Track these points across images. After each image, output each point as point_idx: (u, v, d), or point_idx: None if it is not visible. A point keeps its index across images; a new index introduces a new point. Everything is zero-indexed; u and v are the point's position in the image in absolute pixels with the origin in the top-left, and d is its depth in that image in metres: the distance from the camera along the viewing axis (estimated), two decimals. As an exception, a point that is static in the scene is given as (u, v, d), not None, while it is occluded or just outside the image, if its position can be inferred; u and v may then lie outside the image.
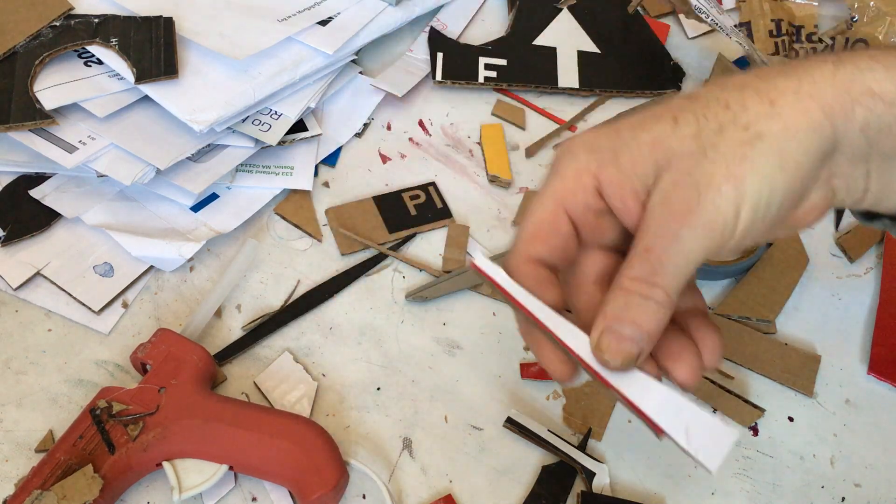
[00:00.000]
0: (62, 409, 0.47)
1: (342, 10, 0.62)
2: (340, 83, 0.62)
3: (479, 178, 0.60)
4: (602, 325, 0.34)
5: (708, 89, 0.34)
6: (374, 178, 0.59)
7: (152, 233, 0.53)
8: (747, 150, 0.32)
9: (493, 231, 0.57)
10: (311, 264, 0.54)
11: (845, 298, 0.56)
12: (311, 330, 0.52)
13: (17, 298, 0.51)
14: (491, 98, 0.64)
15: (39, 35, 0.55)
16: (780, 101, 0.33)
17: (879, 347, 0.53)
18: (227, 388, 0.49)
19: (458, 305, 0.53)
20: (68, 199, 0.54)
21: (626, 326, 0.34)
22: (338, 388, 0.49)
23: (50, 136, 0.53)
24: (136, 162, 0.52)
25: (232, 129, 0.56)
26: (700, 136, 0.33)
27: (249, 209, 0.55)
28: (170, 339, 0.46)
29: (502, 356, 0.52)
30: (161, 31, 0.56)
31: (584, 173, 0.35)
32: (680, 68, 0.67)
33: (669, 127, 0.34)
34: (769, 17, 0.68)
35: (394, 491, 0.46)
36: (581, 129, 0.63)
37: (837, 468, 0.49)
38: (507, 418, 0.48)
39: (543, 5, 0.69)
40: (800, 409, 0.51)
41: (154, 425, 0.43)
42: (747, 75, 0.35)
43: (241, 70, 0.56)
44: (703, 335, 0.37)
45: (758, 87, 0.33)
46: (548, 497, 0.46)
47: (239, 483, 0.45)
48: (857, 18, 0.67)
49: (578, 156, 0.35)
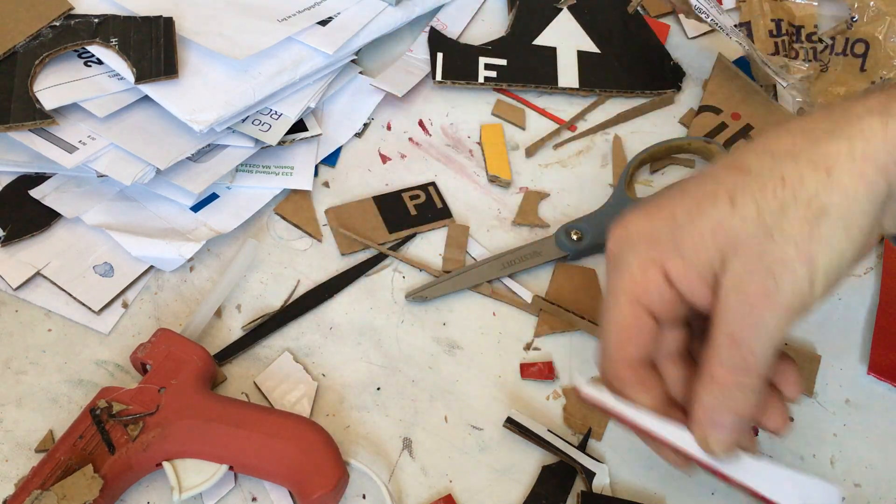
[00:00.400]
0: (62, 409, 0.47)
1: (342, 10, 0.62)
2: (340, 83, 0.62)
3: (479, 178, 0.60)
4: (704, 420, 0.36)
5: (759, 159, 0.35)
6: (374, 178, 0.59)
7: (152, 233, 0.53)
8: (814, 228, 0.33)
9: (493, 231, 0.57)
10: (311, 264, 0.54)
11: (845, 298, 0.56)
12: (311, 330, 0.52)
13: (17, 298, 0.51)
14: (491, 98, 0.64)
15: (39, 35, 0.55)
16: (835, 168, 0.33)
17: (879, 347, 0.53)
18: (227, 388, 0.49)
19: (458, 305, 0.53)
20: (68, 199, 0.54)
21: (726, 417, 0.36)
22: (338, 388, 0.49)
23: (50, 136, 0.53)
24: (136, 162, 0.52)
25: (232, 129, 0.56)
26: (762, 216, 0.33)
27: (249, 209, 0.55)
28: (170, 339, 0.46)
29: (502, 356, 0.52)
30: (161, 31, 0.56)
31: (651, 267, 0.36)
32: (680, 68, 0.67)
33: (728, 209, 0.34)
34: (769, 17, 0.68)
35: (394, 491, 0.46)
36: (581, 128, 0.63)
37: (837, 468, 0.49)
38: (507, 418, 0.48)
39: (543, 5, 0.69)
40: (800, 409, 0.51)
41: (154, 425, 0.43)
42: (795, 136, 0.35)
43: (241, 70, 0.56)
44: (781, 371, 0.39)
45: (811, 155, 0.34)
46: (548, 497, 0.46)
47: (239, 483, 0.45)
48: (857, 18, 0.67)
49: (639, 249, 0.36)
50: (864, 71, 0.66)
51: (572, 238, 0.55)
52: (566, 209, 0.59)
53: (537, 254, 0.55)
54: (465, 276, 0.54)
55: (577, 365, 0.51)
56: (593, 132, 0.63)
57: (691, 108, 0.65)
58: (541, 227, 0.57)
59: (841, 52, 0.67)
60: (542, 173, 0.60)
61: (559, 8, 0.69)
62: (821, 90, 0.65)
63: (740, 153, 0.36)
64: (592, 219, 0.56)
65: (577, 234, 0.55)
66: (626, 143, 0.63)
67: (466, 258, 0.55)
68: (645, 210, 0.38)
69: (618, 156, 0.62)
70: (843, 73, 0.66)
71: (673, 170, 0.62)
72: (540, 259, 0.55)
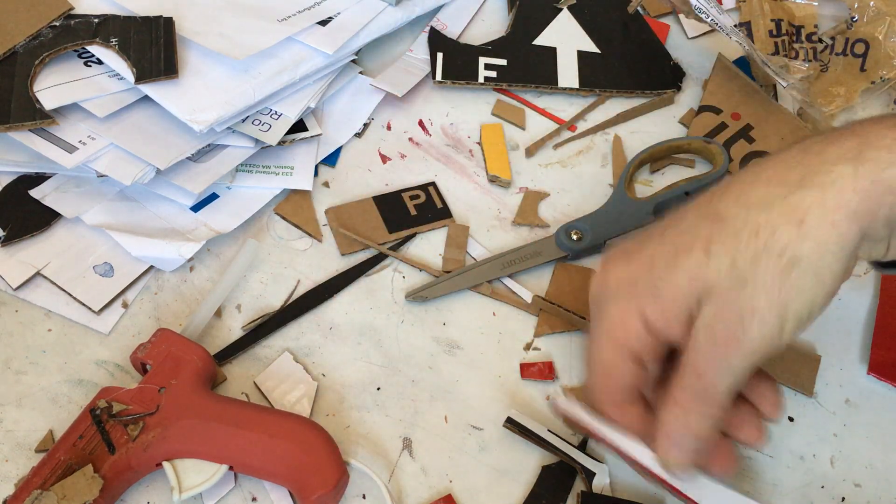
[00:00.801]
0: (62, 409, 0.47)
1: (342, 10, 0.62)
2: (340, 83, 0.62)
3: (479, 178, 0.60)
4: (663, 438, 0.39)
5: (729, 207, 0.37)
6: (374, 178, 0.59)
7: (152, 233, 0.53)
8: (785, 277, 0.35)
9: (493, 231, 0.57)
10: (311, 264, 0.54)
11: (845, 298, 0.56)
12: (311, 330, 0.52)
13: (17, 298, 0.51)
14: (491, 98, 0.64)
15: (39, 35, 0.55)
16: (807, 219, 0.35)
17: (879, 347, 0.53)
18: (227, 388, 0.49)
19: (458, 305, 0.53)
20: (68, 199, 0.54)
21: (684, 437, 0.39)
22: (338, 388, 0.49)
23: (50, 136, 0.52)
24: (136, 162, 0.52)
25: (232, 129, 0.56)
26: (735, 267, 0.35)
27: (249, 209, 0.55)
28: (170, 339, 0.46)
29: (502, 356, 0.52)
30: (161, 31, 0.56)
31: (630, 315, 0.39)
32: (680, 68, 0.67)
33: (703, 260, 0.36)
34: (769, 17, 0.68)
35: (394, 491, 0.46)
36: (581, 128, 0.63)
37: (837, 468, 0.49)
38: (507, 418, 0.48)
39: (543, 5, 0.69)
40: (800, 409, 0.51)
41: (154, 425, 0.43)
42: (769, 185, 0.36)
43: (241, 70, 0.56)
44: (761, 391, 0.42)
45: (783, 206, 0.35)
46: (548, 497, 0.46)
47: (239, 483, 0.45)
48: (857, 18, 0.67)
49: (619, 296, 0.39)
50: (864, 71, 0.66)
51: (572, 238, 0.55)
52: (566, 209, 0.59)
53: (537, 254, 0.55)
54: (465, 276, 0.54)
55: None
56: (593, 132, 0.63)
57: (691, 108, 0.65)
58: (541, 227, 0.57)
59: (841, 52, 0.67)
60: (542, 173, 0.60)
61: (559, 8, 0.69)
62: (821, 90, 0.65)
63: (717, 200, 0.38)
64: (592, 219, 0.56)
65: (577, 234, 0.55)
66: (626, 143, 0.63)
67: (466, 258, 0.55)
68: (625, 254, 0.40)
69: (618, 156, 0.62)
70: (843, 73, 0.66)
71: (673, 170, 0.62)
72: (540, 259, 0.55)
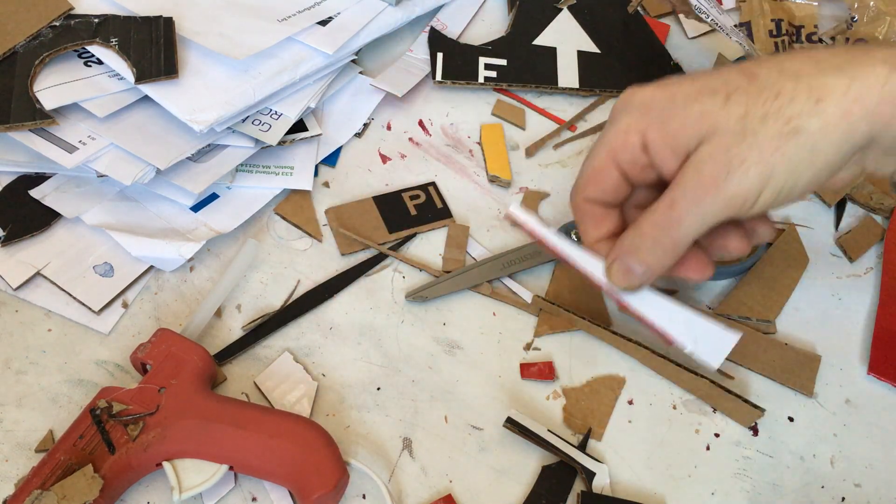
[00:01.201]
0: (62, 409, 0.47)
1: (342, 10, 0.62)
2: (340, 83, 0.62)
3: (479, 178, 0.60)
4: (613, 255, 0.40)
5: (767, 70, 0.37)
6: (374, 178, 0.59)
7: (152, 233, 0.53)
8: (783, 142, 0.35)
9: (493, 231, 0.57)
10: (311, 264, 0.54)
11: (845, 298, 0.56)
12: (311, 330, 0.52)
13: (17, 298, 0.51)
14: (491, 98, 0.64)
15: (39, 35, 0.55)
16: (826, 99, 0.35)
17: (879, 347, 0.53)
18: (227, 388, 0.49)
19: (458, 305, 0.53)
20: (68, 199, 0.54)
21: (633, 261, 0.40)
22: (338, 388, 0.49)
23: (50, 136, 0.53)
24: (136, 162, 0.52)
25: (232, 129, 0.56)
26: (746, 118, 0.36)
27: (249, 209, 0.55)
28: (170, 339, 0.46)
29: (502, 356, 0.52)
30: (161, 31, 0.56)
31: (633, 132, 0.39)
32: (680, 68, 0.67)
33: (720, 104, 0.37)
34: (769, 16, 0.68)
35: (394, 491, 0.46)
36: (581, 128, 0.63)
37: (837, 468, 0.49)
38: (507, 418, 0.48)
39: (543, 5, 0.69)
40: (800, 409, 0.51)
41: (154, 425, 0.43)
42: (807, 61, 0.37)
43: (241, 70, 0.56)
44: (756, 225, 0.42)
45: (811, 81, 0.36)
46: (548, 497, 0.46)
47: (239, 483, 0.45)
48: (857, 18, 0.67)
49: (632, 114, 0.39)
50: (864, 71, 0.66)
51: (572, 238, 0.55)
52: (566, 209, 0.59)
53: (537, 254, 0.55)
54: (465, 276, 0.54)
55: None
56: (593, 132, 0.63)
57: (691, 108, 0.65)
58: (541, 227, 0.57)
59: (841, 52, 0.67)
60: (542, 173, 0.60)
61: (559, 8, 0.69)
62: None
63: (758, 62, 0.38)
64: (592, 219, 0.56)
65: (578, 234, 0.55)
66: (626, 143, 0.63)
67: (466, 258, 0.55)
68: (658, 83, 0.40)
69: (618, 156, 0.62)
70: (843, 73, 0.66)
71: (673, 170, 0.62)
72: (540, 259, 0.55)
